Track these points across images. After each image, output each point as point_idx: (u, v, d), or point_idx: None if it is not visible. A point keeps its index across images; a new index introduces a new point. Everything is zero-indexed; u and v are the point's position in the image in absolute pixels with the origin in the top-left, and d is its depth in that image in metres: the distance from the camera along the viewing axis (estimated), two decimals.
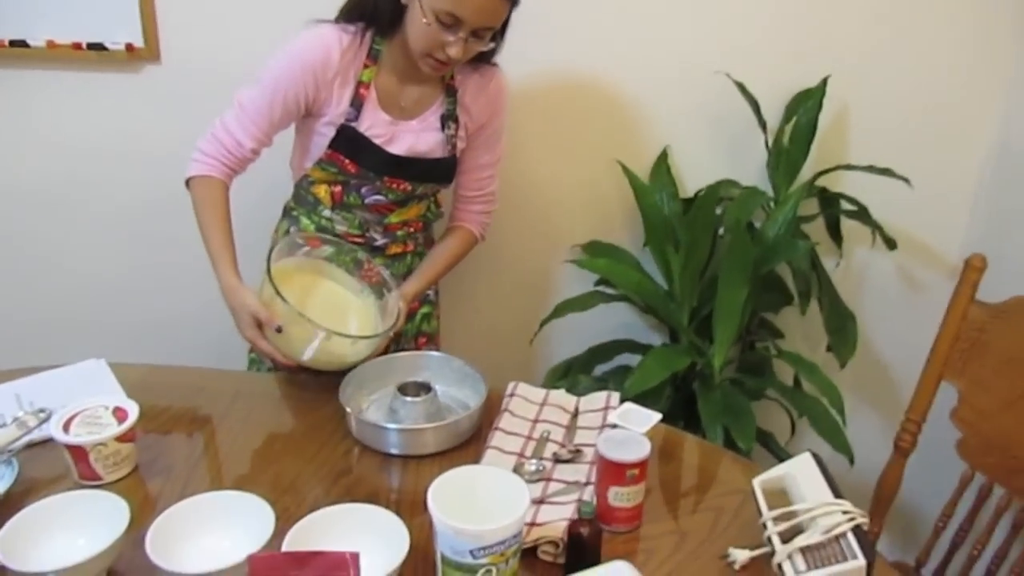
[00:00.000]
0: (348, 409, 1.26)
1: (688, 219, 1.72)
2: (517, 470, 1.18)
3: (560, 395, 1.41)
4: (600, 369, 1.85)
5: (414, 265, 1.59)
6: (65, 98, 1.80)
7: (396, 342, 1.61)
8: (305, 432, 1.30)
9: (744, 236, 1.56)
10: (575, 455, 1.23)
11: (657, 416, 1.22)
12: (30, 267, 1.95)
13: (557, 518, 1.07)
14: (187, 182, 1.40)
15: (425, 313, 1.65)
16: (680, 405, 1.69)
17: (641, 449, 1.08)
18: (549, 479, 1.18)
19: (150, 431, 1.27)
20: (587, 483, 1.16)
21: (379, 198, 1.48)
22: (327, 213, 1.49)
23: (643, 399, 1.56)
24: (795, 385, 1.85)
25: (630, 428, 1.18)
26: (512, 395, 1.37)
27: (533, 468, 1.20)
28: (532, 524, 1.06)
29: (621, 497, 1.08)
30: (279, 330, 1.26)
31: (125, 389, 1.33)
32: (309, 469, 1.20)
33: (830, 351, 1.79)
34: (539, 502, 1.13)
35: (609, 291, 1.82)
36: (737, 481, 1.21)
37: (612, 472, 1.07)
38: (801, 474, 1.06)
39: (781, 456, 1.71)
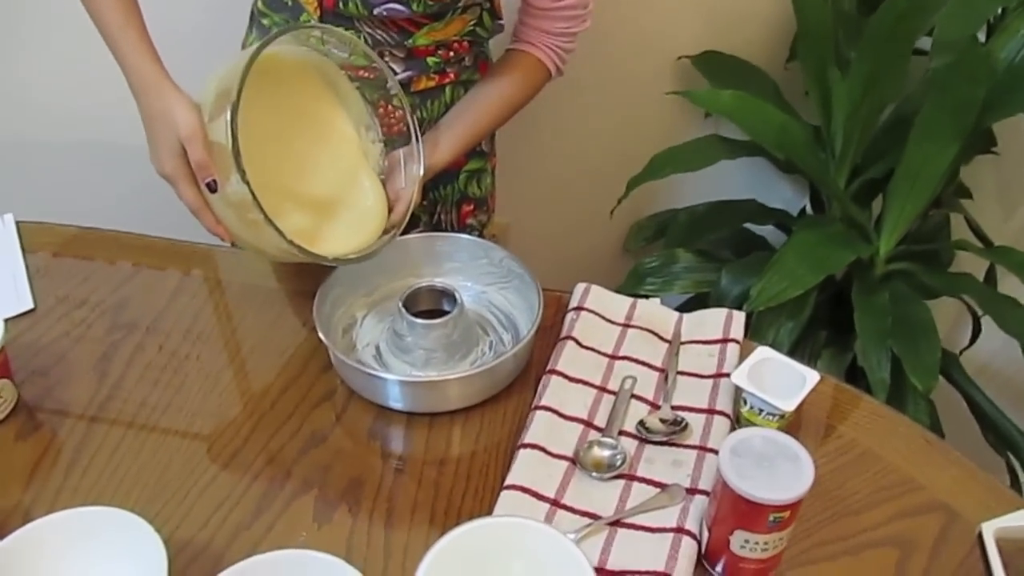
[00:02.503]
0: (325, 339, 0.81)
1: (869, 26, 1.11)
2: (582, 456, 0.76)
3: (652, 309, 0.94)
4: (707, 240, 1.33)
5: (456, 99, 1.03)
6: None
7: (431, 212, 1.11)
8: (269, 357, 0.89)
9: (979, 62, 0.96)
10: (674, 430, 0.78)
11: (814, 379, 0.79)
12: None
13: (642, 570, 0.66)
14: None
15: (473, 170, 1.11)
16: (824, 305, 1.18)
17: (799, 476, 0.63)
18: (632, 476, 0.75)
19: (47, 343, 0.89)
20: (694, 490, 0.72)
21: (397, 7, 0.91)
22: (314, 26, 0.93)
23: (778, 312, 1.07)
24: (986, 278, 1.30)
25: (767, 403, 0.76)
26: (580, 309, 0.90)
27: (607, 455, 0.76)
28: (600, 571, 0.67)
29: (754, 547, 0.64)
30: (212, 187, 0.77)
31: (30, 269, 0.99)
32: (263, 430, 0.81)
33: None
34: (614, 524, 0.70)
35: (731, 137, 1.25)
36: (937, 486, 0.75)
37: (744, 512, 0.63)
38: None
39: (962, 386, 1.21)
